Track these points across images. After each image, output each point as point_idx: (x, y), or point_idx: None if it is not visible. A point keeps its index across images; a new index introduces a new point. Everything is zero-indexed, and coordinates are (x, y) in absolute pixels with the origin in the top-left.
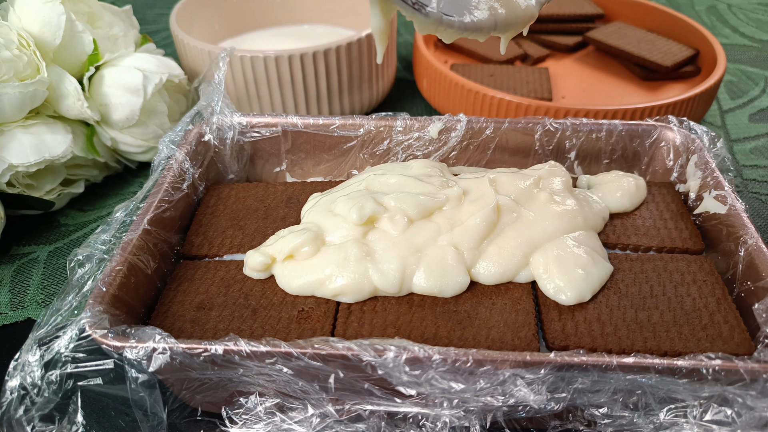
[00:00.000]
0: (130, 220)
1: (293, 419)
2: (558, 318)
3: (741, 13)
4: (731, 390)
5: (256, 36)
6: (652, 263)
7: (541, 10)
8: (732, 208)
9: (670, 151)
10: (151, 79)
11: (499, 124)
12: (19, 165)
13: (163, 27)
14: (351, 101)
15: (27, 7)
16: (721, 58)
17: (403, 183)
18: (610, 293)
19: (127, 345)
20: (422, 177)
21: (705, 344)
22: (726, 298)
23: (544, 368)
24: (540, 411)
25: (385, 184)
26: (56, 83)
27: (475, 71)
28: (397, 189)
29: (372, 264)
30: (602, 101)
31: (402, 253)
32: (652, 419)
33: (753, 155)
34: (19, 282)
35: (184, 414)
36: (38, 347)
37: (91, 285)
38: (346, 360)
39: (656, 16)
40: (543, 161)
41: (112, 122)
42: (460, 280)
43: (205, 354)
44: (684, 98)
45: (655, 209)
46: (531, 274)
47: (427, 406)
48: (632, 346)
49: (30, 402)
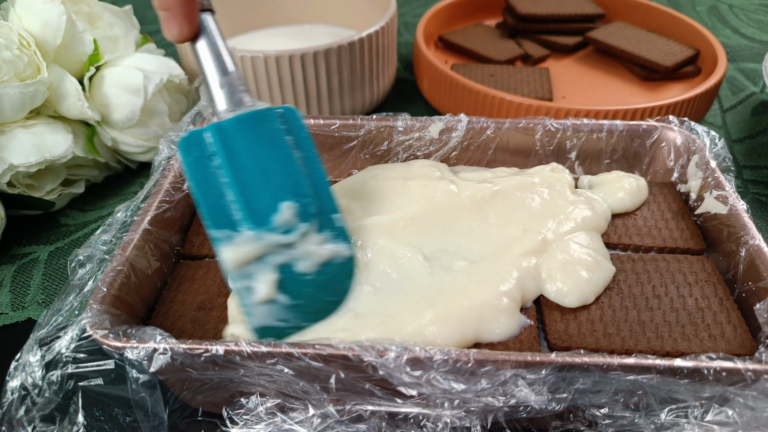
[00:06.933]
0: (130, 220)
1: (294, 419)
2: (560, 319)
3: (742, 14)
4: (732, 390)
5: (256, 36)
6: (653, 264)
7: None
8: (733, 209)
9: (670, 152)
10: (152, 79)
11: (500, 124)
12: (19, 165)
13: None
14: (351, 101)
15: (28, 7)
16: (721, 59)
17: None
18: (612, 294)
19: (128, 345)
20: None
21: (707, 345)
22: (727, 299)
23: (545, 368)
24: (541, 411)
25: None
26: (57, 83)
27: (475, 71)
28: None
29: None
30: (603, 101)
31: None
32: (653, 420)
33: (754, 155)
34: (19, 282)
35: (185, 414)
36: (39, 347)
37: (91, 285)
38: (347, 360)
39: (657, 16)
40: (544, 161)
41: (113, 122)
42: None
43: (206, 354)
44: (685, 98)
45: (657, 209)
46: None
47: (428, 407)
48: (635, 346)
49: (31, 402)
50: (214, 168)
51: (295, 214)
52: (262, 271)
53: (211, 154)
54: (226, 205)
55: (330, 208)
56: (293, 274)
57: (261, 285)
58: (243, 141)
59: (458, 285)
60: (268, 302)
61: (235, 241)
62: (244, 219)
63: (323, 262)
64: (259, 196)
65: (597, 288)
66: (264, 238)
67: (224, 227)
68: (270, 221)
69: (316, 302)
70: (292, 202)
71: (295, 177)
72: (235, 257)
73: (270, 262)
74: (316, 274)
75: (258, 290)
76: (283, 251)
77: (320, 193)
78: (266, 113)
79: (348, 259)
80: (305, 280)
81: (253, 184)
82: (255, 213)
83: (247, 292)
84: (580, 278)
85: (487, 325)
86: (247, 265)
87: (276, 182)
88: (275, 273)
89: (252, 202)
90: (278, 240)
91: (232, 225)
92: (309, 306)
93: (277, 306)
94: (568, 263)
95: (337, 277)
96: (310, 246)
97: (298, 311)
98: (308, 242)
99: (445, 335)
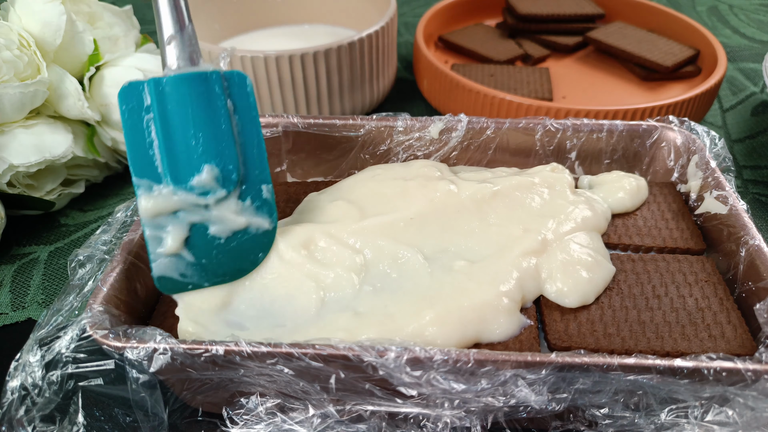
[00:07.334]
0: (130, 220)
1: (294, 419)
2: (560, 319)
3: (742, 14)
4: (732, 390)
5: (256, 36)
6: (653, 264)
7: (542, 9)
8: (733, 209)
9: (670, 152)
10: None
11: (500, 125)
12: (19, 165)
13: None
14: (351, 101)
15: (28, 7)
16: (721, 59)
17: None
18: (612, 294)
19: (128, 345)
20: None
21: (707, 345)
22: (727, 299)
23: (545, 369)
24: (541, 411)
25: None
26: (57, 83)
27: (475, 71)
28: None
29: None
30: (603, 101)
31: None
32: (653, 420)
33: (754, 155)
34: (19, 282)
35: (185, 414)
36: (39, 348)
37: (91, 285)
38: (347, 360)
39: (657, 16)
40: (544, 161)
41: (113, 122)
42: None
43: (206, 354)
44: (685, 98)
45: (657, 209)
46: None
47: (428, 407)
48: (635, 346)
49: (31, 402)
50: (147, 120)
51: (214, 178)
52: (174, 225)
53: (146, 107)
54: (152, 156)
55: (260, 178)
56: (203, 235)
57: (169, 239)
58: (178, 100)
59: (458, 285)
60: (173, 255)
61: (153, 193)
62: (164, 174)
63: (237, 230)
64: (183, 155)
65: (597, 288)
66: (180, 195)
67: (146, 177)
68: (189, 180)
69: (221, 266)
70: (214, 165)
71: (223, 142)
72: (150, 207)
73: (183, 219)
74: (227, 240)
75: (166, 243)
76: (197, 211)
77: (251, 162)
78: (208, 76)
79: (266, 231)
80: (213, 244)
81: (180, 143)
82: (176, 170)
83: (156, 241)
84: (580, 278)
85: (487, 326)
86: (161, 217)
87: (203, 145)
88: (186, 230)
89: (175, 159)
90: (194, 200)
91: (154, 177)
92: (213, 268)
93: (182, 261)
94: (568, 263)
95: (248, 248)
96: (225, 212)
97: (201, 270)
98: (224, 208)
99: (445, 335)
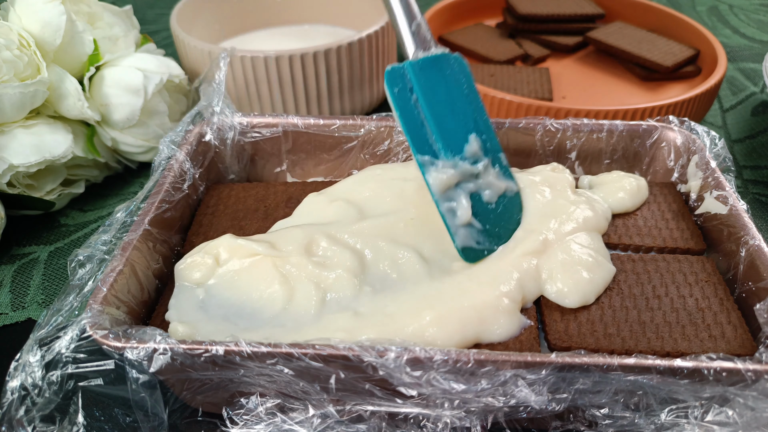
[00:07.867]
0: (130, 220)
1: (294, 420)
2: (560, 319)
3: (742, 14)
4: (732, 390)
5: (256, 36)
6: (654, 264)
7: (542, 9)
8: (733, 209)
9: (671, 152)
10: (152, 79)
11: (500, 125)
12: (19, 165)
13: (163, 27)
14: (351, 101)
15: (28, 7)
16: (721, 59)
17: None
18: (612, 294)
19: (127, 345)
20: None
21: (707, 345)
22: (727, 299)
23: (545, 369)
24: (541, 412)
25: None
26: (57, 83)
27: (475, 71)
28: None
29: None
30: (603, 101)
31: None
32: (653, 420)
33: (754, 155)
34: (19, 282)
35: (185, 414)
36: (39, 348)
37: (91, 285)
38: (347, 361)
39: (657, 16)
40: (544, 161)
41: (113, 122)
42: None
43: (206, 355)
44: (685, 98)
45: (657, 209)
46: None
47: (428, 407)
48: (635, 347)
49: (31, 402)
50: (413, 101)
51: (480, 146)
52: (459, 196)
53: (410, 88)
54: (426, 134)
55: (497, 147)
56: (480, 202)
57: (460, 209)
58: (432, 79)
59: (458, 285)
60: (466, 225)
61: (437, 167)
62: (441, 148)
63: (500, 194)
64: (451, 129)
65: (597, 288)
66: (459, 166)
67: (426, 153)
68: (463, 151)
69: (499, 230)
70: (475, 135)
71: (474, 114)
72: (439, 181)
73: (465, 189)
74: (495, 204)
75: (458, 214)
76: (472, 180)
77: (490, 132)
78: (448, 57)
79: (516, 194)
80: (489, 209)
81: (445, 118)
82: (450, 143)
83: (451, 214)
84: (581, 278)
85: (488, 326)
86: (449, 190)
87: (462, 117)
88: (468, 200)
89: (446, 134)
90: (469, 170)
91: (432, 153)
92: (494, 232)
93: (473, 229)
94: (569, 263)
95: (510, 210)
96: (491, 178)
97: (488, 235)
98: (490, 174)
99: (445, 336)
